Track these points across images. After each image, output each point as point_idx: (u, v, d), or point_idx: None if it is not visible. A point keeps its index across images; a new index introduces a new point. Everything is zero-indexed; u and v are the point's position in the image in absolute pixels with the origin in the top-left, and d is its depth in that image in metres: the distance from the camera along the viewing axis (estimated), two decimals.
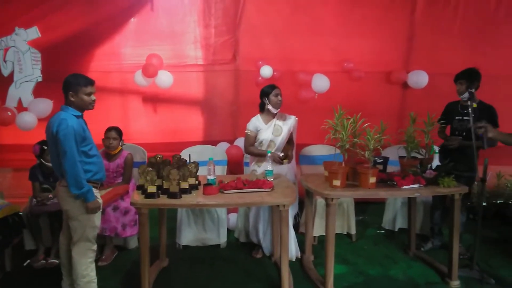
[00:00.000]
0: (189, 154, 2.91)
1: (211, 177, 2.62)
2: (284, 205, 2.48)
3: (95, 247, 2.44)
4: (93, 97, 2.34)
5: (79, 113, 2.32)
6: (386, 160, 3.07)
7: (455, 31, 4.34)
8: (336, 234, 3.54)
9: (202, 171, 2.81)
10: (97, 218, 2.40)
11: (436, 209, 3.41)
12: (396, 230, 3.81)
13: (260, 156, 3.18)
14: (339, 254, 3.31)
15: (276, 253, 3.09)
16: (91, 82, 2.33)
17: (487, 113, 3.02)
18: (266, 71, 4.11)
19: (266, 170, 2.87)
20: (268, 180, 2.76)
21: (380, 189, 2.68)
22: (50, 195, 3.10)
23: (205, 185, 2.54)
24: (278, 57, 4.25)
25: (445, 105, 3.41)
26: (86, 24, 4.05)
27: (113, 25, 4.14)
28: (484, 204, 4.18)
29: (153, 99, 4.28)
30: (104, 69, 4.15)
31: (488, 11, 4.33)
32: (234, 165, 4.05)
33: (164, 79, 4.06)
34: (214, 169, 2.65)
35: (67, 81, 2.29)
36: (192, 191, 2.54)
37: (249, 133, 3.22)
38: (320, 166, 2.89)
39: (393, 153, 3.52)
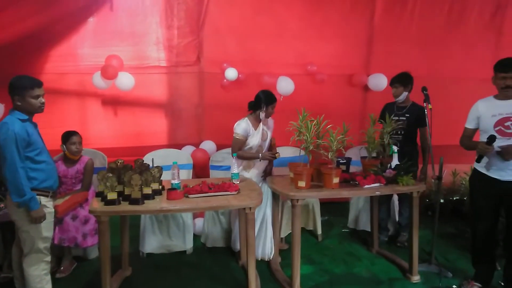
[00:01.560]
0: (152, 159, 2.84)
1: (175, 181, 2.56)
2: (250, 208, 2.48)
3: (48, 258, 2.31)
4: (41, 99, 2.20)
5: (25, 117, 2.17)
6: (348, 161, 3.15)
7: (411, 36, 4.54)
8: (303, 235, 3.62)
9: (166, 176, 2.74)
10: (46, 229, 2.26)
11: (381, 205, 3.56)
12: (360, 228, 3.92)
13: (253, 159, 3.11)
14: (306, 254, 3.36)
15: (243, 256, 3.07)
16: (38, 84, 2.19)
17: (417, 113, 3.28)
18: (231, 73, 4.10)
19: (232, 173, 2.85)
20: (234, 183, 2.75)
21: (343, 189, 2.74)
22: (2, 205, 2.89)
23: (169, 190, 2.47)
24: (243, 60, 4.25)
25: (383, 105, 3.61)
26: (39, 23, 3.83)
27: (69, 24, 3.96)
28: (441, 201, 4.42)
29: (113, 102, 4.13)
30: (60, 70, 3.96)
31: (441, 17, 4.57)
32: (200, 169, 3.99)
33: (125, 81, 3.92)
34: (178, 173, 2.58)
35: (12, 84, 2.15)
36: (155, 196, 2.47)
37: (238, 138, 3.10)
38: (287, 167, 2.91)
39: (356, 153, 3.63)
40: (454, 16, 4.59)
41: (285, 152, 3.74)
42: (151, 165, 2.70)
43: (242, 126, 3.11)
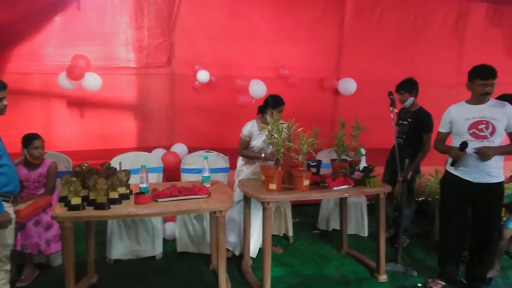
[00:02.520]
0: (120, 162, 2.77)
1: (143, 185, 2.50)
2: (220, 211, 2.46)
3: (8, 267, 2.20)
4: (4, 102, 2.13)
5: None
6: (319, 163, 3.19)
7: (380, 41, 4.68)
8: (274, 237, 3.65)
9: (134, 180, 2.68)
10: (9, 235, 2.16)
11: (387, 203, 3.60)
12: (330, 230, 3.98)
13: (255, 159, 3.26)
14: (277, 256, 3.38)
15: (214, 260, 3.04)
16: (2, 86, 2.11)
17: (421, 119, 3.36)
18: (203, 75, 4.07)
19: (203, 176, 2.82)
20: (204, 187, 2.72)
21: (313, 191, 2.77)
22: None
23: (136, 194, 2.41)
24: (215, 62, 4.23)
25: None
26: (1, 21, 3.65)
27: (33, 23, 3.80)
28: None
29: (80, 103, 3.99)
30: (23, 70, 3.79)
31: (407, 24, 4.74)
32: (171, 172, 3.92)
33: (92, 81, 3.80)
34: (147, 176, 2.53)
35: None
36: (122, 201, 2.40)
37: (242, 137, 3.31)
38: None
39: (326, 156, 3.69)
40: (420, 23, 4.77)
41: None
42: (118, 169, 2.63)
43: (247, 127, 3.31)
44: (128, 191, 2.52)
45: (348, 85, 4.54)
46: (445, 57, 4.87)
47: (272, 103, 3.23)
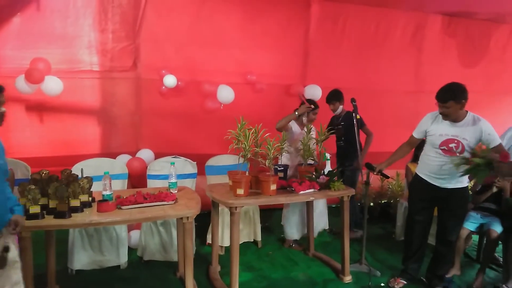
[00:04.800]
0: (81, 169, 2.67)
1: (106, 192, 2.43)
2: (188, 217, 2.44)
3: None
4: (2, 108, 1.88)
5: None
6: (286, 168, 3.25)
7: (342, 50, 4.85)
8: (244, 242, 3.66)
9: (97, 187, 2.60)
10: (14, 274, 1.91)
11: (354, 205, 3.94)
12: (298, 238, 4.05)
13: (290, 119, 3.46)
14: (245, 261, 3.38)
15: (181, 267, 3.00)
16: None
17: (351, 118, 3.54)
18: (170, 80, 4.02)
19: (169, 182, 2.79)
20: (171, 193, 2.69)
21: (280, 195, 2.82)
22: None
23: (99, 201, 2.34)
24: (182, 67, 4.20)
25: (330, 118, 4.08)
26: None
27: None
28: (371, 204, 4.73)
29: (39, 108, 3.81)
30: None
31: (368, 33, 4.94)
32: (137, 179, 3.84)
33: (52, 85, 3.65)
34: (110, 183, 2.46)
35: None
36: (84, 209, 2.32)
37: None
38: (226, 175, 2.92)
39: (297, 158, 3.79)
40: (381, 33, 4.99)
41: (226, 160, 3.77)
42: (80, 176, 2.54)
43: (294, 125, 3.58)
44: (90, 198, 2.44)
45: (314, 92, 4.64)
46: (404, 65, 5.12)
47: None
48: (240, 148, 2.82)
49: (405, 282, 3.04)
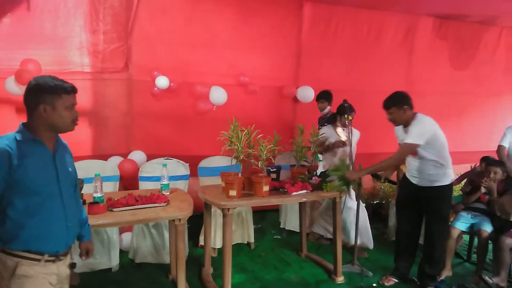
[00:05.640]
0: None
1: (97, 194, 2.41)
2: (180, 219, 2.43)
3: None
4: (76, 112, 1.64)
5: (30, 136, 1.53)
6: (279, 169, 3.26)
7: (335, 52, 4.87)
8: (237, 244, 3.65)
9: (88, 189, 2.57)
10: None
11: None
12: (289, 229, 4.10)
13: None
14: (238, 263, 3.38)
15: (173, 270, 2.99)
16: (70, 89, 1.59)
17: (332, 120, 3.74)
18: (162, 81, 4.00)
19: (161, 184, 2.78)
20: (163, 195, 2.68)
21: (273, 196, 2.82)
22: None
23: (90, 204, 2.32)
24: (175, 68, 4.18)
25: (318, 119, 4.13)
26: None
27: None
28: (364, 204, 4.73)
29: None
30: None
31: (361, 35, 4.98)
32: (129, 181, 3.81)
33: None
34: (101, 185, 2.44)
35: (38, 86, 1.52)
36: None
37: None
38: (219, 177, 2.91)
39: (285, 158, 3.83)
40: (372, 35, 5.03)
41: (219, 161, 3.76)
42: None
43: (324, 128, 3.65)
44: (81, 201, 2.42)
45: (306, 93, 4.67)
46: (395, 67, 5.16)
47: (338, 111, 3.54)
48: (232, 150, 2.82)
49: (396, 280, 3.07)
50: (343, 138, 3.50)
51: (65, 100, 1.56)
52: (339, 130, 3.55)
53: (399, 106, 2.77)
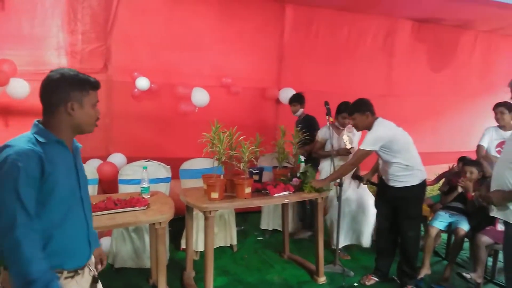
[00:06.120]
0: None
1: None
2: (160, 223, 2.39)
3: None
4: (98, 110, 1.49)
5: (53, 138, 1.36)
6: (261, 171, 3.25)
7: (317, 54, 4.91)
8: (220, 246, 3.63)
9: None
10: None
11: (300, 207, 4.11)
12: (271, 229, 4.12)
13: (328, 156, 3.47)
14: (221, 265, 3.36)
15: (154, 274, 2.94)
16: (94, 84, 1.44)
17: (309, 123, 3.84)
18: (143, 82, 3.95)
19: (141, 187, 2.73)
20: (143, 198, 2.63)
21: (255, 198, 2.82)
22: None
23: None
24: (156, 69, 4.13)
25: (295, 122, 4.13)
26: None
27: None
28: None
29: (4, 111, 3.64)
30: None
31: (342, 38, 5.04)
32: (108, 184, 3.74)
33: (18, 88, 3.50)
34: None
35: (65, 80, 1.36)
36: None
37: (317, 139, 3.70)
38: (201, 179, 2.89)
39: (268, 159, 3.84)
40: (353, 38, 5.10)
41: (201, 163, 3.73)
42: None
43: (322, 130, 3.67)
44: None
45: (288, 95, 4.64)
46: (375, 69, 5.24)
47: (337, 109, 3.57)
48: (214, 152, 2.80)
49: (376, 279, 3.13)
50: (348, 145, 3.50)
51: (92, 96, 1.42)
52: (345, 136, 3.54)
53: (361, 112, 2.89)
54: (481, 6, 4.64)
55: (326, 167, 3.62)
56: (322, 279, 3.12)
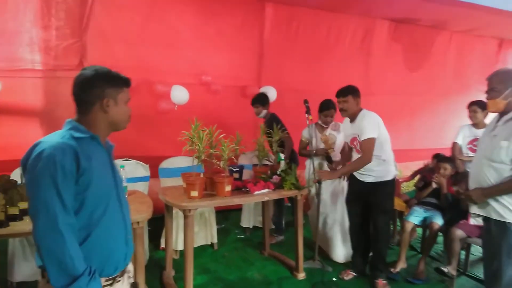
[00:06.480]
0: (21, 174, 2.49)
1: None
2: (138, 222, 2.36)
3: None
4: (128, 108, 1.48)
5: (89, 133, 1.35)
6: (241, 169, 3.25)
7: (297, 52, 4.95)
8: (200, 245, 3.61)
9: None
10: None
11: (274, 208, 3.97)
12: (251, 227, 4.14)
13: (310, 156, 3.36)
14: (201, 264, 3.34)
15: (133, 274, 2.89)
16: (125, 82, 1.45)
17: (271, 121, 3.69)
18: None
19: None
20: None
21: (235, 196, 2.82)
22: None
23: None
24: (134, 66, 4.04)
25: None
26: None
27: None
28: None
29: None
30: None
31: (321, 36, 5.09)
32: None
33: None
34: None
35: (100, 77, 1.36)
36: (24, 217, 2.17)
37: (302, 139, 3.71)
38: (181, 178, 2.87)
39: (249, 157, 3.84)
40: (332, 37, 5.17)
41: (181, 162, 3.70)
42: (19, 182, 2.37)
43: (306, 129, 3.62)
44: None
45: (269, 93, 4.68)
46: (354, 68, 5.33)
47: (319, 107, 3.54)
48: (194, 150, 2.78)
49: (354, 274, 3.19)
50: (323, 145, 3.48)
51: (125, 93, 1.42)
52: (330, 134, 3.53)
53: (354, 96, 2.90)
54: (455, 7, 4.79)
55: (310, 166, 3.57)
56: (301, 275, 3.16)
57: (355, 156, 3.04)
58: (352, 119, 2.95)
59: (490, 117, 3.85)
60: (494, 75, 2.20)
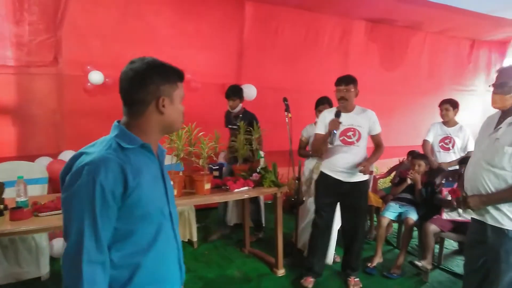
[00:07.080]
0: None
1: (20, 199, 2.22)
2: None
3: None
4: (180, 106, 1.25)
5: (139, 142, 1.15)
6: (221, 167, 3.25)
7: (276, 51, 4.98)
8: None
9: (12, 193, 2.36)
10: None
11: (252, 205, 3.88)
12: (232, 224, 4.11)
13: (308, 156, 3.59)
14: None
15: None
16: (179, 75, 1.23)
17: (249, 118, 3.55)
18: (96, 76, 3.79)
19: None
20: None
21: (215, 194, 2.81)
22: None
23: (12, 209, 2.13)
24: (110, 63, 3.94)
25: (225, 114, 3.93)
26: None
27: None
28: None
29: None
30: None
31: (300, 38, 5.14)
32: (58, 183, 3.54)
33: None
34: (25, 189, 2.25)
35: (155, 71, 1.15)
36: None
37: (302, 139, 3.68)
38: None
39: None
40: (311, 36, 5.23)
41: None
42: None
43: (306, 128, 3.66)
44: (2, 206, 2.21)
45: (249, 91, 4.70)
46: (332, 67, 5.39)
47: (316, 104, 3.59)
48: (173, 148, 2.76)
49: (314, 280, 3.02)
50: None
51: (180, 89, 1.20)
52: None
53: (356, 86, 2.89)
54: (430, 8, 4.93)
55: (309, 166, 3.55)
56: (281, 272, 3.19)
57: (342, 154, 2.83)
58: (349, 110, 2.87)
59: (461, 115, 4.04)
60: (509, 69, 2.04)
